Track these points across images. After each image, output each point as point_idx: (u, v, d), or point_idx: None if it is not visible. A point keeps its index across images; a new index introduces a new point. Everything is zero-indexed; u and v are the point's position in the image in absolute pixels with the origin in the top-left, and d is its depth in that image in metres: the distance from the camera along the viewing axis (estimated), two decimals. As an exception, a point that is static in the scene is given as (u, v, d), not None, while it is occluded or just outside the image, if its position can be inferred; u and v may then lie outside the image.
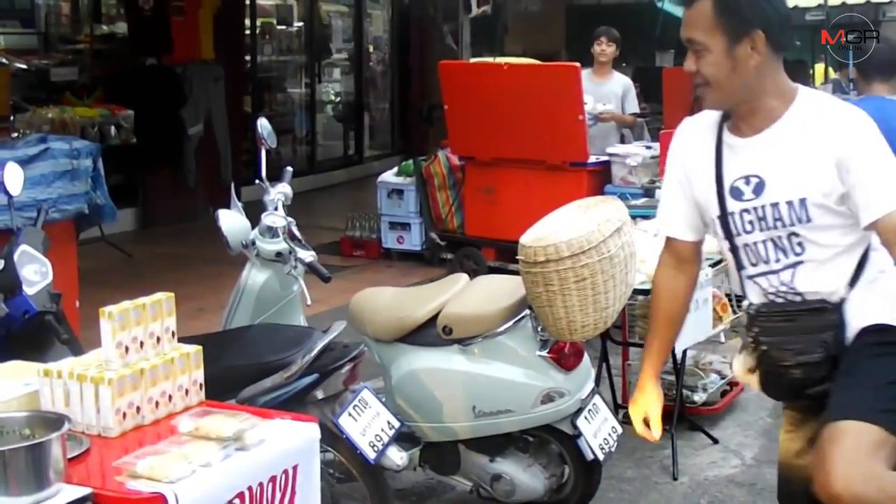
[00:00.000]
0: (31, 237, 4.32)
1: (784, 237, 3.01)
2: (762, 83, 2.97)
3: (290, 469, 3.08)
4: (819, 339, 3.00)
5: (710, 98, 3.02)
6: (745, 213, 3.04)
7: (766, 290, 3.10)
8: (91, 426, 3.09)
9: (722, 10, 2.89)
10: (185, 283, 8.14)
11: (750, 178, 3.01)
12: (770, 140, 3.00)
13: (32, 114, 10.02)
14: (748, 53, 2.92)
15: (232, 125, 12.54)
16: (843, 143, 2.91)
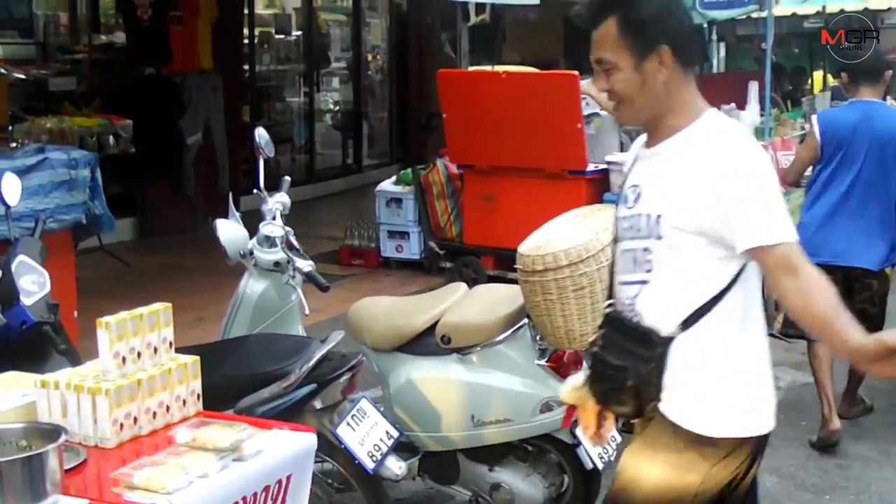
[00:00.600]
0: (29, 247, 4.31)
1: (640, 250, 3.00)
2: (670, 98, 2.98)
3: (284, 478, 3.08)
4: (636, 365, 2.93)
5: (624, 114, 3.06)
6: (624, 220, 3.07)
7: (623, 301, 3.07)
8: (88, 437, 3.09)
9: (627, 28, 2.92)
10: (184, 292, 8.12)
11: (636, 188, 3.05)
12: (659, 154, 3.01)
13: (31, 124, 10.02)
14: (656, 68, 2.93)
15: (230, 135, 12.54)
16: (725, 173, 2.85)
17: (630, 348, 2.97)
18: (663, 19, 2.94)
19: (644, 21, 2.91)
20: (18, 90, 11.13)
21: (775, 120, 8.98)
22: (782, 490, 5.51)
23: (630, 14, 2.92)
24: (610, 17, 2.93)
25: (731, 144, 2.93)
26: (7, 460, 2.63)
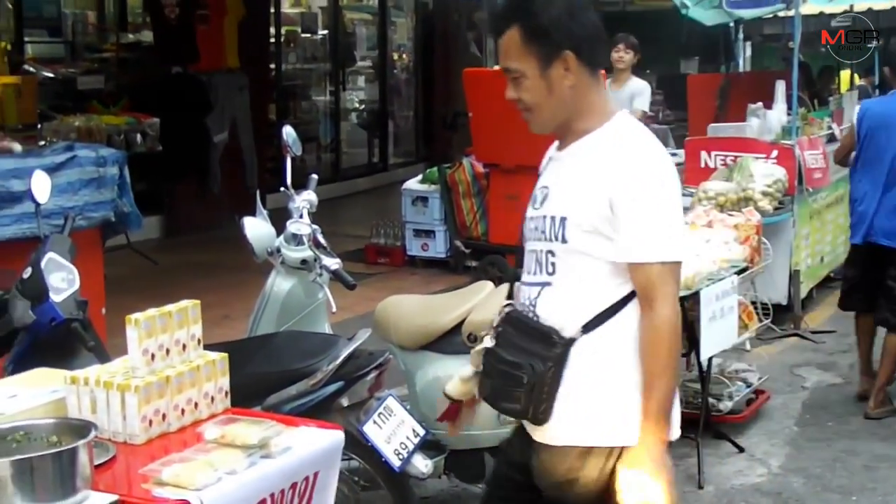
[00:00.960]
0: (58, 245, 4.33)
1: (543, 252, 2.98)
2: (579, 102, 2.97)
3: (311, 475, 3.08)
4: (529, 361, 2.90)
5: (534, 121, 3.03)
6: (530, 221, 3.06)
7: (522, 302, 3.05)
8: (117, 433, 3.10)
9: (530, 36, 2.91)
10: (211, 290, 8.15)
11: (544, 189, 3.04)
12: (567, 156, 3.01)
13: (59, 122, 10.07)
14: (562, 74, 2.93)
15: (256, 133, 12.59)
16: (620, 179, 2.86)
17: (528, 347, 2.93)
18: (565, 25, 2.92)
19: (546, 28, 2.90)
20: (47, 89, 11.19)
21: (802, 119, 8.93)
22: (809, 491, 5.49)
23: (532, 22, 2.91)
24: (513, 25, 2.93)
25: (636, 148, 2.93)
26: (38, 456, 2.64)
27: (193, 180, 11.80)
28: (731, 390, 6.31)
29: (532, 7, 2.92)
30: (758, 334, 6.60)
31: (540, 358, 2.89)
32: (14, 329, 4.11)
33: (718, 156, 8.61)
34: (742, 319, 5.96)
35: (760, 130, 8.79)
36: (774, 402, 6.70)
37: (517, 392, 2.92)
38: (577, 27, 2.93)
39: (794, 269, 8.35)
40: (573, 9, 2.95)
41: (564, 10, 2.92)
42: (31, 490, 2.62)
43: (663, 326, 2.84)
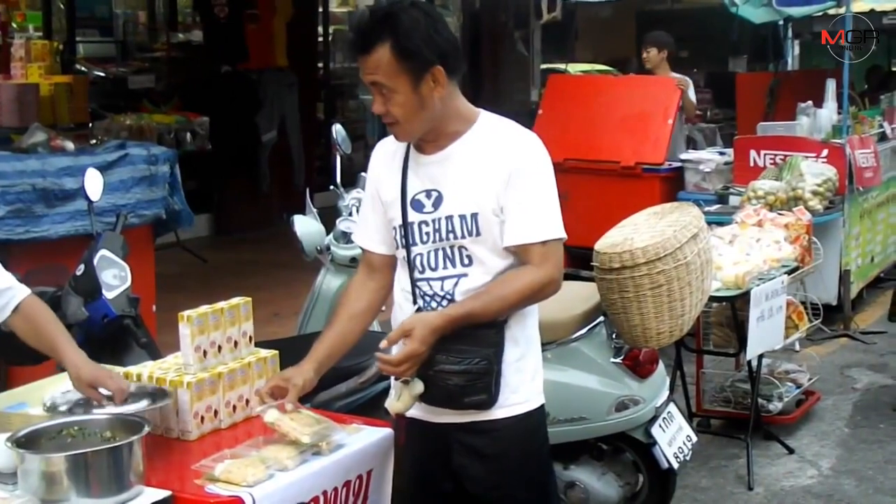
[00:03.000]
0: (111, 242, 4.37)
1: (455, 248, 3.10)
2: (446, 109, 3.08)
3: (364, 474, 3.10)
4: (482, 352, 3.04)
5: (403, 133, 3.12)
6: (423, 225, 3.13)
7: (426, 294, 3.15)
8: (170, 429, 3.13)
9: (401, 54, 2.98)
10: (260, 288, 8.18)
11: (430, 192, 3.12)
12: (450, 157, 3.11)
13: (111, 121, 10.17)
14: (432, 87, 3.02)
15: (304, 132, 12.63)
16: (512, 162, 3.04)
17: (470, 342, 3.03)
18: (433, 40, 3.00)
19: (417, 46, 2.98)
20: (98, 88, 11.31)
21: (853, 118, 8.84)
22: (861, 493, 5.44)
23: (402, 42, 2.97)
24: (382, 43, 2.98)
25: (523, 139, 3.10)
26: (93, 451, 2.68)
27: (242, 179, 11.85)
28: (780, 391, 6.26)
29: (399, 26, 2.98)
30: (808, 335, 6.54)
31: (487, 345, 3.04)
32: (67, 325, 4.13)
33: (768, 155, 8.55)
34: (792, 320, 5.91)
35: (810, 129, 8.71)
36: (825, 403, 6.64)
37: (482, 383, 3.04)
38: (442, 41, 3.03)
39: (844, 269, 8.28)
40: (436, 24, 3.05)
41: (430, 26, 3.02)
42: (86, 485, 2.65)
43: (536, 280, 3.04)
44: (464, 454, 3.16)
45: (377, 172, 3.28)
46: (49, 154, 6.31)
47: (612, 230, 4.49)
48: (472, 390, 3.05)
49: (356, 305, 3.30)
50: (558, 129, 9.33)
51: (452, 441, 3.16)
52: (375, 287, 3.32)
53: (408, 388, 3.04)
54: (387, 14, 3.01)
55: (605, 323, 4.56)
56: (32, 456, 2.68)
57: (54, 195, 5.90)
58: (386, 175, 3.23)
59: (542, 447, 3.31)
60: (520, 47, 16.88)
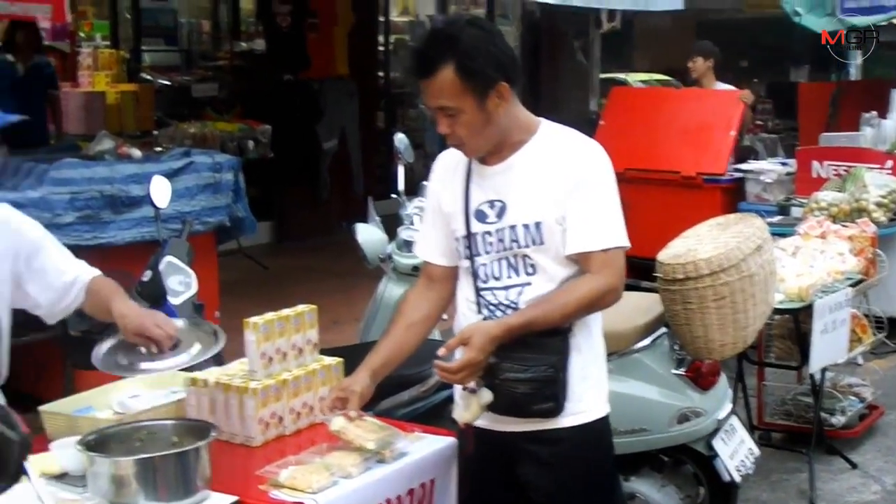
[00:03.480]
0: (177, 248, 4.43)
1: (519, 257, 3.11)
2: (509, 122, 3.09)
3: (428, 482, 3.11)
4: (549, 359, 3.04)
5: (471, 151, 3.14)
6: (487, 235, 3.14)
7: (491, 303, 3.15)
8: (235, 435, 3.17)
9: (466, 74, 2.97)
10: (319, 295, 8.14)
11: (494, 203, 3.13)
12: (513, 167, 3.12)
13: (175, 129, 10.28)
14: (496, 104, 3.03)
15: (364, 140, 12.69)
16: (575, 170, 3.04)
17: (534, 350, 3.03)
18: (495, 57, 3.01)
19: (481, 64, 2.97)
20: (163, 96, 11.44)
21: (919, 129, 8.74)
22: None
23: (466, 62, 2.96)
24: (445, 65, 2.97)
25: (586, 148, 3.11)
26: (160, 455, 2.71)
27: (303, 186, 11.93)
28: (843, 405, 6.19)
29: (461, 46, 2.97)
30: (872, 348, 6.46)
31: (553, 353, 3.04)
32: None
33: (831, 166, 8.47)
34: (856, 333, 5.85)
35: (874, 140, 8.62)
36: (889, 418, 6.56)
37: (548, 391, 3.04)
38: (503, 56, 3.04)
39: (909, 282, 8.16)
40: (495, 38, 3.06)
41: (490, 42, 3.03)
42: (154, 489, 2.69)
43: (596, 288, 3.03)
44: (528, 463, 3.16)
45: (438, 184, 3.30)
46: (116, 161, 6.41)
47: (676, 241, 4.48)
48: (539, 398, 3.04)
49: (414, 315, 3.31)
50: (619, 139, 9.32)
51: (517, 450, 3.16)
52: (435, 297, 3.33)
53: (476, 398, 3.04)
54: (447, 36, 3.01)
55: (667, 334, 4.54)
56: (102, 459, 2.72)
57: (121, 202, 6.00)
58: (448, 187, 3.24)
59: (607, 457, 3.31)
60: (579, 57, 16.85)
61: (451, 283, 3.29)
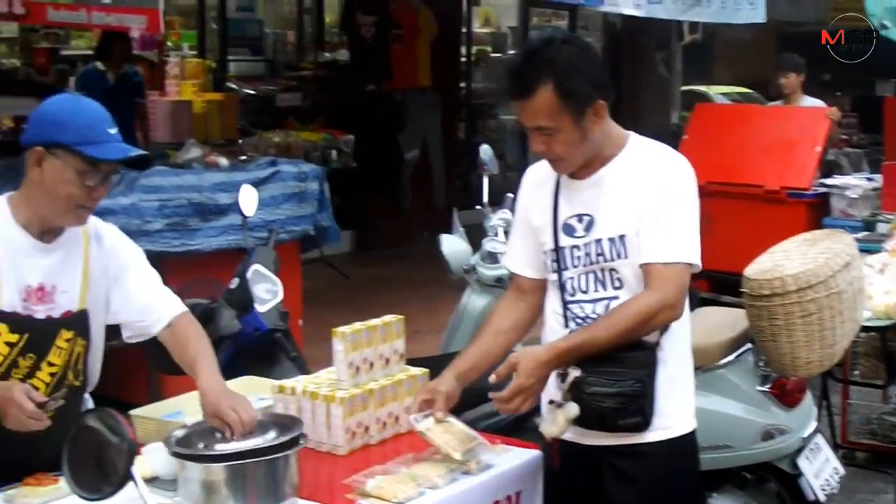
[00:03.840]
0: (264, 257, 4.48)
1: (606, 271, 3.11)
2: (602, 138, 3.10)
3: (514, 495, 3.11)
4: (636, 374, 3.03)
5: (566, 167, 3.13)
6: (574, 249, 3.15)
7: (578, 316, 3.16)
8: (321, 443, 3.20)
9: (565, 95, 2.98)
10: (401, 305, 8.18)
11: (582, 217, 3.14)
12: (601, 181, 3.13)
13: (259, 138, 10.38)
14: (593, 121, 3.04)
15: (446, 151, 12.72)
16: (659, 184, 3.06)
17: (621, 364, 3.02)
18: (592, 75, 3.03)
19: (579, 85, 2.99)
20: (247, 106, 11.57)
21: None
22: None
23: (564, 82, 2.97)
24: (545, 86, 2.98)
25: (672, 163, 3.12)
26: (252, 461, 2.74)
27: (384, 196, 12.00)
28: (932, 424, 6.09)
29: (559, 66, 2.99)
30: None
31: (634, 367, 3.03)
32: (220, 337, 4.25)
33: (918, 181, 8.34)
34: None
35: (965, 155, 8.47)
36: (979, 439, 6.44)
37: (635, 406, 3.03)
38: (599, 73, 3.08)
39: None
40: (589, 56, 3.10)
41: (586, 61, 3.06)
42: (243, 494, 2.72)
43: (647, 305, 3.02)
44: (614, 477, 3.15)
45: (527, 198, 3.32)
46: (204, 169, 6.50)
47: (763, 256, 4.43)
48: (626, 413, 3.03)
49: (502, 323, 3.32)
50: (702, 153, 9.23)
51: (603, 464, 3.15)
52: (524, 308, 3.34)
53: (562, 412, 3.03)
54: (544, 57, 3.02)
55: (752, 350, 4.50)
56: (193, 464, 2.75)
57: (209, 209, 6.08)
58: (536, 200, 3.25)
59: (693, 474, 3.33)
60: (660, 69, 16.76)
61: (540, 294, 3.30)
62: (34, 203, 2.94)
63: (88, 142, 2.88)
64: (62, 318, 3.00)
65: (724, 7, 10.00)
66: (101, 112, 2.99)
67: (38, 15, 6.06)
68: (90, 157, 2.87)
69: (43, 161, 2.88)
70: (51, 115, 2.93)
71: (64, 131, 2.87)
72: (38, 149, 2.88)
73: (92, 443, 2.54)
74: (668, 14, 9.75)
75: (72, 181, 2.87)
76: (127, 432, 2.44)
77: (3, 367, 2.92)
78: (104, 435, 2.51)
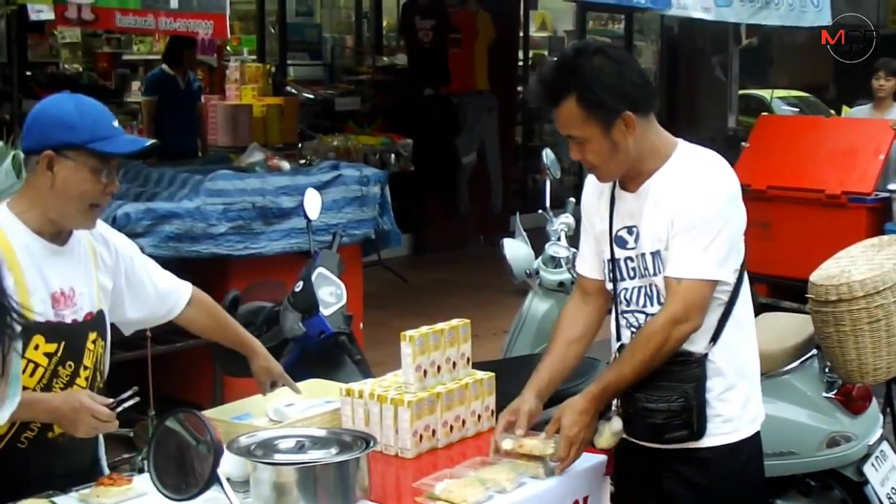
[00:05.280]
0: (328, 260, 4.50)
1: (653, 286, 3.14)
2: (641, 147, 3.10)
3: (581, 500, 3.11)
4: (682, 388, 3.06)
5: (603, 176, 3.18)
6: (628, 261, 3.18)
7: (633, 325, 3.20)
8: (389, 446, 3.21)
9: (588, 105, 3.01)
10: (458, 308, 8.17)
11: (632, 229, 3.17)
12: (646, 193, 3.14)
13: (318, 142, 10.44)
14: (623, 132, 3.04)
15: (503, 154, 12.72)
16: (690, 199, 3.05)
17: (668, 378, 3.07)
18: (619, 87, 3.03)
19: (603, 96, 3.01)
20: (307, 109, 11.64)
21: None
22: None
23: (587, 94, 3.01)
24: (568, 97, 3.02)
25: (706, 178, 3.10)
26: (322, 464, 2.76)
27: (441, 200, 12.02)
28: None
29: (584, 77, 3.02)
30: None
31: (682, 381, 3.07)
32: (284, 339, 4.28)
33: None
34: None
35: None
36: None
37: (680, 420, 3.07)
38: (629, 86, 3.05)
39: None
40: (621, 68, 3.07)
41: (614, 73, 3.04)
42: (314, 496, 2.74)
43: (655, 328, 3.06)
44: (673, 480, 3.17)
45: (588, 204, 3.35)
46: (267, 173, 6.55)
47: (828, 262, 4.40)
48: (673, 427, 3.09)
49: (572, 331, 3.34)
50: (763, 160, 9.22)
51: (663, 467, 3.17)
52: (590, 311, 3.36)
53: (608, 426, 3.13)
54: (570, 67, 3.07)
55: (817, 356, 4.47)
56: (264, 466, 2.78)
57: (272, 213, 6.14)
58: (595, 209, 3.30)
59: (755, 479, 3.32)
60: (717, 73, 16.65)
61: (605, 296, 3.32)
62: (44, 207, 2.89)
63: (100, 138, 2.87)
64: (86, 321, 2.99)
65: (792, 10, 9.91)
66: (103, 108, 2.98)
67: (107, 20, 6.13)
68: (105, 153, 2.87)
69: (54, 164, 2.85)
70: (55, 117, 2.89)
71: (74, 131, 2.85)
72: (49, 152, 2.84)
73: (174, 444, 2.57)
74: (738, 17, 9.68)
75: (87, 180, 2.86)
76: (214, 433, 2.46)
77: (45, 378, 2.90)
78: (185, 436, 2.54)
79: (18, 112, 7.91)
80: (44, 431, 2.92)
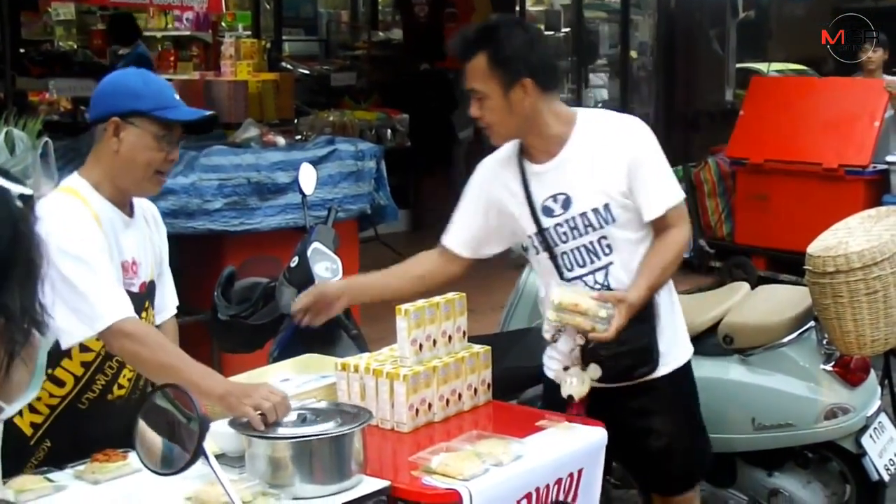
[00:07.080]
0: (323, 235, 4.48)
1: (595, 241, 3.42)
2: (539, 118, 3.38)
3: (576, 472, 3.11)
4: (641, 328, 3.38)
5: (495, 135, 3.46)
6: (558, 227, 3.44)
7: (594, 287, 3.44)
8: (385, 420, 3.21)
9: (494, 63, 3.31)
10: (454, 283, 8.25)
11: (557, 196, 3.42)
12: (566, 161, 3.42)
13: (314, 117, 10.39)
14: (521, 97, 3.32)
15: (500, 130, 12.66)
16: (628, 149, 3.39)
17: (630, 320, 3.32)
18: (525, 55, 3.33)
19: (508, 57, 3.31)
20: (302, 85, 11.57)
21: None
22: None
23: (496, 51, 3.30)
24: (480, 52, 3.32)
25: (631, 125, 3.50)
26: (318, 438, 2.76)
27: (438, 175, 11.98)
28: None
29: (497, 38, 3.33)
30: None
31: (645, 321, 3.40)
32: (280, 315, 4.27)
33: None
34: None
35: None
36: None
37: (646, 356, 3.44)
38: (535, 57, 3.36)
39: None
40: (532, 41, 3.40)
41: (525, 41, 3.35)
42: (310, 471, 2.74)
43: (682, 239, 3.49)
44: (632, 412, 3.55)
45: (491, 188, 3.59)
46: (262, 149, 6.52)
47: (826, 233, 4.39)
48: (639, 364, 3.45)
49: (413, 269, 3.73)
50: (759, 130, 9.21)
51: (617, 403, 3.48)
52: (442, 272, 3.69)
53: (588, 374, 3.33)
54: (488, 27, 3.40)
55: (815, 328, 4.46)
56: (260, 441, 2.77)
57: (267, 188, 6.12)
58: (503, 189, 3.53)
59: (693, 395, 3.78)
60: (714, 46, 16.60)
61: (462, 271, 3.70)
62: (113, 175, 3.04)
63: (163, 107, 3.02)
64: (141, 292, 3.12)
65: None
66: (165, 81, 3.20)
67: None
68: (168, 119, 3.02)
69: (121, 130, 3.00)
70: (122, 86, 3.07)
71: (140, 99, 3.01)
72: (115, 119, 2.99)
73: (162, 420, 2.56)
74: None
75: (151, 146, 3.01)
76: (199, 408, 2.45)
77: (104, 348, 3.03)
78: (173, 412, 2.53)
79: (12, 90, 7.88)
80: (104, 393, 3.07)
